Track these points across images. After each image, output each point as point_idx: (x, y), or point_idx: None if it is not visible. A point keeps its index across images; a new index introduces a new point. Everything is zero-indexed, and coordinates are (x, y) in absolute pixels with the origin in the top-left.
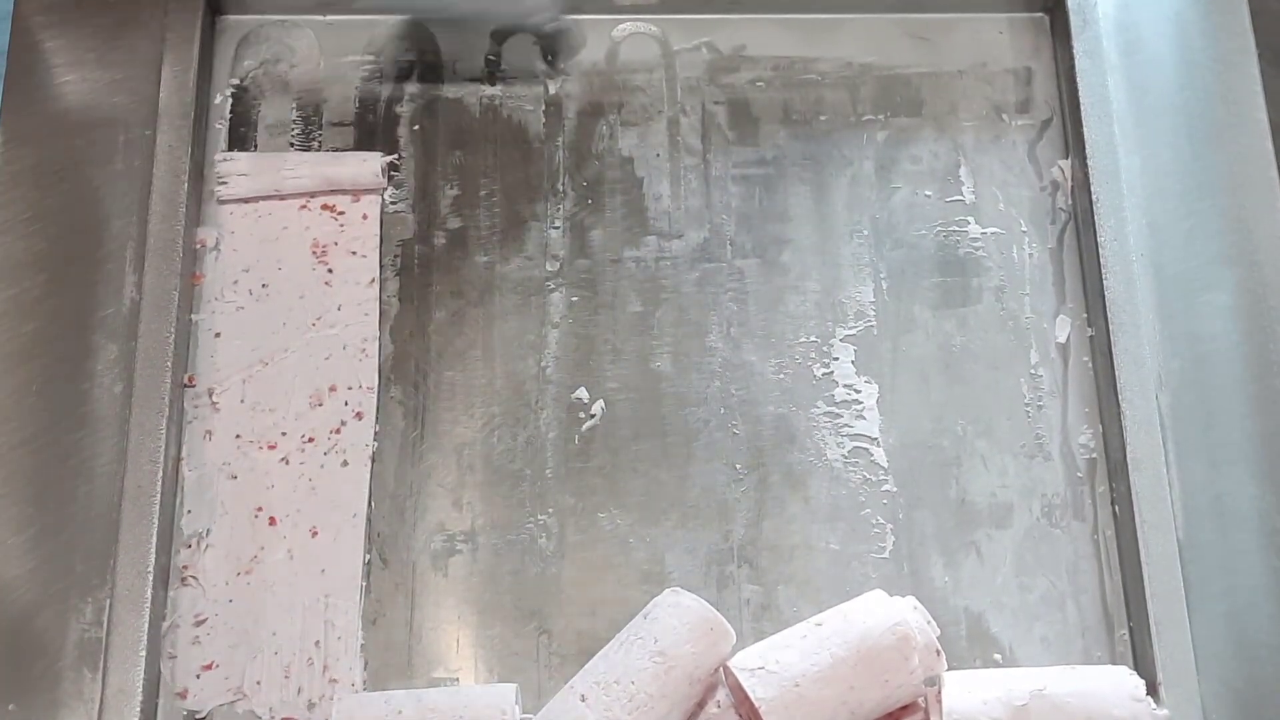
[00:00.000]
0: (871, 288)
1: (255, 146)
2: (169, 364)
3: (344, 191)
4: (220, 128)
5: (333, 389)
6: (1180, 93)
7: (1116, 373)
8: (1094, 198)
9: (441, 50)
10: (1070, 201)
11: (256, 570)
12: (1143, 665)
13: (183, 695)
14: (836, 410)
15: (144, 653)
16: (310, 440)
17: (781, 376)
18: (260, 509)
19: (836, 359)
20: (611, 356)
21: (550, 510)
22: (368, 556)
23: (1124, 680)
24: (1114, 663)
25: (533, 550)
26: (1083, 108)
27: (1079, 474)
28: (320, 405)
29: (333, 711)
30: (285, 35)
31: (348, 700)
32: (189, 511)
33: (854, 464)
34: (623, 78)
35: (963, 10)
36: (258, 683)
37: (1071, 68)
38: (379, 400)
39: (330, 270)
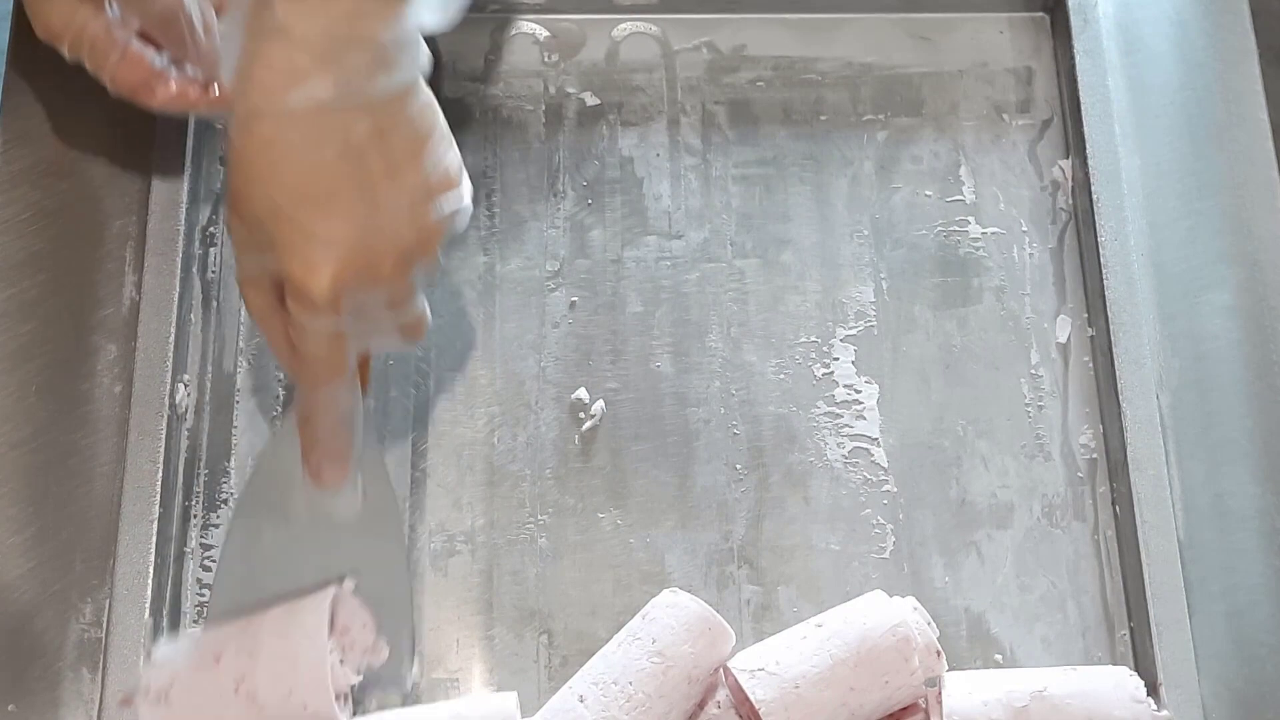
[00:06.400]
0: (872, 288)
1: None
2: (169, 364)
3: None
4: (221, 126)
5: None
6: (1180, 93)
7: (1117, 373)
8: (1094, 198)
9: (441, 50)
10: (1070, 201)
11: None
12: (1143, 666)
13: None
14: (837, 410)
15: (144, 653)
16: None
17: (782, 377)
18: None
19: (837, 359)
20: (611, 357)
21: (550, 510)
22: None
23: (1124, 681)
24: (1114, 663)
25: (533, 550)
26: (1083, 108)
27: (1079, 474)
28: None
29: None
30: None
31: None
32: None
33: (854, 464)
34: (623, 78)
35: (963, 10)
36: None
37: (1072, 68)
38: None
39: None
